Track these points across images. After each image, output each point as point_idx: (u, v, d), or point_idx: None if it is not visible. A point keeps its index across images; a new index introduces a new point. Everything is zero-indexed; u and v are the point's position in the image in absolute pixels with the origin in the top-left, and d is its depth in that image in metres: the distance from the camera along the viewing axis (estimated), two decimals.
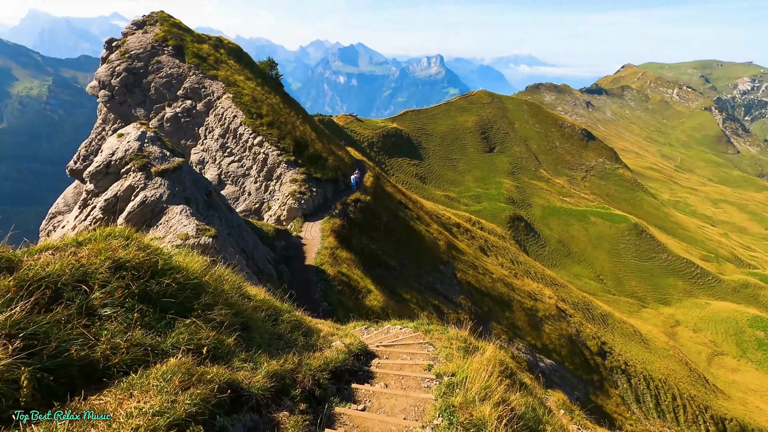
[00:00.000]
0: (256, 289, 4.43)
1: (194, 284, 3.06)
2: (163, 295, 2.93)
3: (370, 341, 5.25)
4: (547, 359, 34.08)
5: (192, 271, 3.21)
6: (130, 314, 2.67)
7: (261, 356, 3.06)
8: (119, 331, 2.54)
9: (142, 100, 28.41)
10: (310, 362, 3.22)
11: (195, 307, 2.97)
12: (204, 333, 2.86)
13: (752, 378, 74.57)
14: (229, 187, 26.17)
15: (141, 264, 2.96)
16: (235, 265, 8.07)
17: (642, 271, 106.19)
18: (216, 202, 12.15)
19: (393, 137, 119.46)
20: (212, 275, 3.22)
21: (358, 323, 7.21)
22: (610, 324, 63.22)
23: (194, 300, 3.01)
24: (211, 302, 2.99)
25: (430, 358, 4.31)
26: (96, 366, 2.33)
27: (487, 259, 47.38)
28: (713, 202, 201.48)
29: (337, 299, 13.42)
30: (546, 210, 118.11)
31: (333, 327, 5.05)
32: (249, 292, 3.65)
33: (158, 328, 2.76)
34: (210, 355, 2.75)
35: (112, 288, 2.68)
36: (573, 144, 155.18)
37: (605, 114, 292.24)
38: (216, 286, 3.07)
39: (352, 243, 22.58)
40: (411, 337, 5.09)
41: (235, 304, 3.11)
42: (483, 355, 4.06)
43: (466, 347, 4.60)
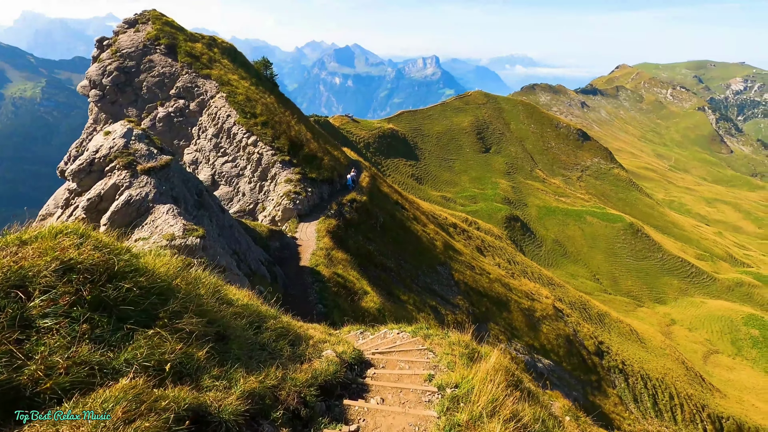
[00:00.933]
0: (239, 292, 4.07)
1: (161, 288, 2.67)
2: (121, 302, 2.54)
3: (366, 347, 4.92)
4: (544, 360, 33.87)
5: (160, 273, 2.81)
6: (76, 325, 2.29)
7: (238, 372, 2.66)
8: (60, 346, 2.17)
9: (134, 99, 27.95)
10: (295, 376, 2.84)
11: (161, 315, 2.59)
12: (169, 346, 2.49)
13: (747, 376, 74.88)
14: (223, 188, 25.77)
15: (96, 266, 2.56)
16: (223, 267, 7.75)
17: (638, 270, 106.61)
18: (207, 202, 11.76)
19: (389, 138, 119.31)
20: (185, 278, 2.86)
21: (353, 327, 6.90)
22: (606, 323, 63.21)
23: (160, 307, 2.62)
24: (181, 309, 2.60)
25: (431, 366, 3.98)
26: (21, 392, 2.00)
27: (484, 259, 47.18)
28: (708, 201, 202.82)
29: (333, 301, 13.06)
30: (542, 210, 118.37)
31: (325, 332, 4.71)
32: (229, 296, 3.28)
33: (112, 341, 2.39)
34: (174, 373, 2.38)
35: (57, 294, 2.30)
36: (568, 144, 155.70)
37: (600, 114, 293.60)
38: (188, 291, 2.69)
39: (348, 244, 22.25)
40: (409, 343, 4.76)
41: (211, 310, 2.74)
42: (487, 362, 3.75)
43: (469, 354, 4.28)
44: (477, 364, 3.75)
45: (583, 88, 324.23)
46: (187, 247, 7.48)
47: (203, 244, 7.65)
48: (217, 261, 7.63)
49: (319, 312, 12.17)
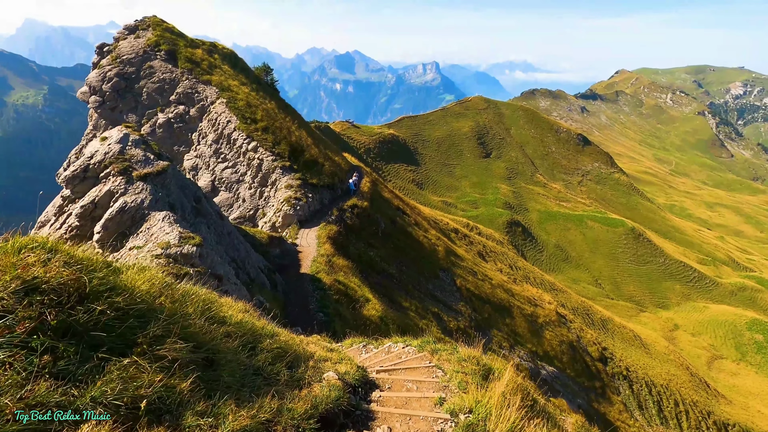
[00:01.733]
0: (233, 306, 3.80)
1: (141, 310, 2.36)
2: (93, 327, 2.22)
3: (370, 363, 4.64)
4: (548, 366, 33.45)
5: (141, 291, 2.49)
6: (34, 357, 1.99)
7: (227, 405, 2.35)
8: (12, 385, 1.87)
9: (134, 105, 27.85)
10: (293, 407, 2.49)
11: (140, 340, 2.29)
12: (147, 378, 2.17)
13: (752, 382, 74.19)
14: (223, 194, 25.57)
15: (64, 285, 2.24)
16: (220, 276, 7.51)
17: (640, 275, 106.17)
18: (205, 208, 11.50)
19: (389, 143, 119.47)
20: (171, 295, 2.58)
21: (355, 339, 6.62)
22: (610, 329, 62.69)
23: (140, 331, 2.33)
24: (164, 333, 2.30)
25: (440, 387, 3.71)
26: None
27: (485, 264, 46.85)
28: (709, 205, 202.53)
29: (334, 309, 12.76)
30: (543, 215, 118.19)
31: (326, 348, 4.43)
32: (222, 313, 2.99)
33: (79, 374, 2.08)
34: (152, 410, 2.09)
35: (14, 320, 1.98)
36: (569, 149, 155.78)
37: (600, 119, 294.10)
38: (174, 310, 2.41)
39: (349, 250, 22.00)
40: (416, 359, 4.47)
41: (199, 332, 2.46)
42: (501, 381, 3.48)
43: (482, 372, 4.00)
44: (491, 384, 3.47)
45: (582, 93, 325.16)
46: (183, 256, 7.22)
47: (200, 252, 7.39)
48: (215, 270, 7.39)
49: (320, 321, 11.87)
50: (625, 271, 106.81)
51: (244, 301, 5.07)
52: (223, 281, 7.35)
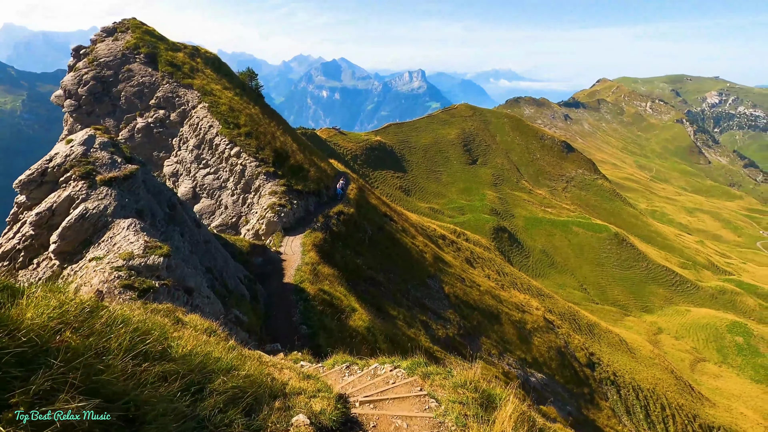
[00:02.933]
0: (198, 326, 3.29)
1: (26, 354, 1.78)
2: None
3: (353, 390, 4.12)
4: (538, 374, 33.17)
5: (32, 326, 1.86)
6: None
7: None
8: None
9: (112, 110, 26.90)
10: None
11: (14, 401, 1.73)
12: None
13: (734, 384, 75.31)
14: (205, 201, 24.75)
15: None
16: (190, 288, 6.91)
17: (624, 279, 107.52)
18: (180, 216, 10.78)
19: (376, 150, 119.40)
20: (85, 329, 1.99)
21: (338, 358, 6.09)
22: (596, 334, 62.99)
23: (18, 385, 1.76)
24: (55, 386, 1.75)
25: (435, 424, 3.18)
26: None
27: (473, 271, 46.61)
28: (688, 210, 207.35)
29: (318, 321, 12.10)
30: (529, 221, 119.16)
31: (302, 375, 3.85)
32: (162, 345, 2.40)
33: None
34: None
35: None
36: (553, 155, 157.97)
37: (583, 126, 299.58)
38: (81, 350, 1.86)
39: (335, 258, 21.40)
40: (405, 384, 3.95)
41: (116, 379, 1.94)
42: (504, 409, 3.01)
43: (481, 400, 3.49)
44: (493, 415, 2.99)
45: (566, 101, 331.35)
46: (147, 268, 6.59)
47: (168, 263, 6.76)
48: (185, 282, 6.77)
49: (303, 334, 11.22)
50: (610, 276, 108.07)
51: (212, 320, 4.52)
52: (193, 295, 6.73)
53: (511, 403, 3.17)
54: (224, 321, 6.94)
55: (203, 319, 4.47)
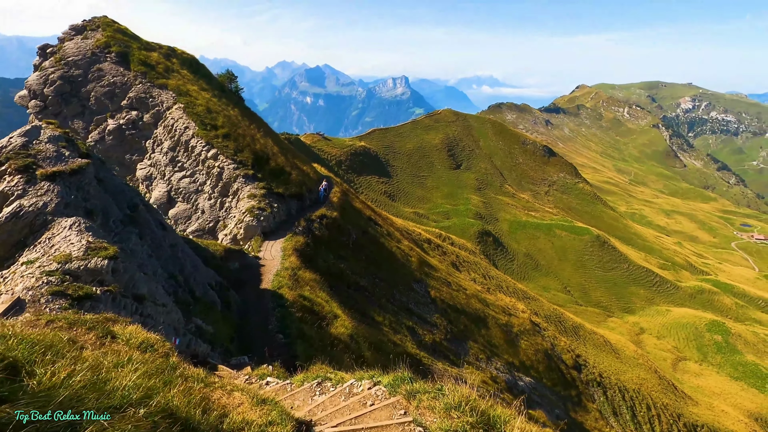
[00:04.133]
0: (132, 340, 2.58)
1: None
2: None
3: (322, 414, 3.37)
4: (525, 377, 32.78)
5: None
6: None
7: None
8: None
9: (80, 111, 25.66)
10: None
11: None
12: None
13: (714, 382, 76.67)
14: (181, 205, 23.68)
15: None
16: (142, 296, 6.12)
17: (606, 281, 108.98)
18: (143, 218, 9.88)
19: (361, 155, 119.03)
20: None
21: (309, 375, 5.34)
22: (581, 335, 63.26)
23: None
24: None
25: None
26: None
27: (459, 274, 46.22)
28: (666, 213, 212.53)
29: (296, 329, 11.26)
30: (513, 224, 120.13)
31: (256, 399, 3.12)
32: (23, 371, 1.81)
33: None
34: None
35: None
36: (535, 160, 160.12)
37: (563, 131, 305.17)
38: None
39: (317, 262, 20.62)
40: (386, 407, 3.20)
41: None
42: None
43: (481, 425, 2.79)
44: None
45: (546, 107, 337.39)
46: (88, 271, 5.73)
47: (114, 267, 5.91)
48: (136, 288, 5.95)
49: (280, 343, 10.38)
50: (593, 278, 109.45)
51: (162, 332, 3.82)
52: (145, 303, 5.92)
53: (517, 429, 2.54)
54: (183, 332, 6.18)
55: (144, 332, 3.78)
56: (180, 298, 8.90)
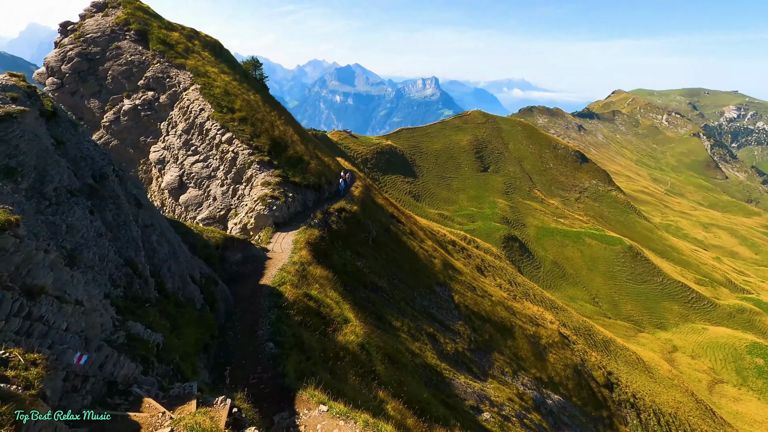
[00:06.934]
0: None
1: None
2: None
3: None
4: (554, 395, 30.10)
5: None
6: None
7: None
8: None
9: (97, 90, 24.77)
10: None
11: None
12: None
13: (755, 408, 71.43)
14: (192, 191, 22.37)
15: None
16: (36, 288, 4.33)
17: (638, 294, 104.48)
18: (111, 191, 8.15)
19: (387, 154, 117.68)
20: None
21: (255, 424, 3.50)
22: (612, 351, 59.47)
23: None
24: None
25: None
26: None
27: (484, 279, 43.68)
28: (704, 226, 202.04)
29: (293, 336, 9.18)
30: (540, 231, 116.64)
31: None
32: None
33: None
34: None
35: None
36: (566, 165, 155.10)
37: (597, 138, 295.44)
38: None
39: (332, 258, 18.82)
40: None
41: None
42: None
43: None
44: None
45: (579, 112, 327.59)
46: None
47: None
48: (32, 275, 4.16)
49: (269, 354, 8.41)
50: (623, 290, 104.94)
51: (46, 353, 2.82)
52: (39, 299, 4.13)
53: None
54: (99, 344, 4.42)
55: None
56: (133, 292, 7.14)
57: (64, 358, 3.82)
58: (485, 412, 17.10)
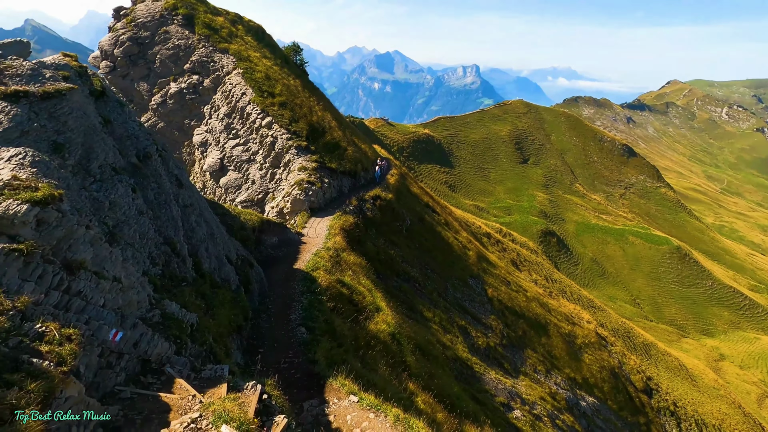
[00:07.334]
0: None
1: None
2: None
3: None
4: (588, 397, 29.08)
5: None
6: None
7: None
8: None
9: (147, 73, 25.70)
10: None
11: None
12: None
13: None
14: (232, 174, 22.90)
15: None
16: (75, 263, 4.35)
17: (683, 297, 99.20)
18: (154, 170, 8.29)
19: (424, 143, 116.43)
20: None
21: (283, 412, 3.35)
22: (653, 355, 56.82)
23: None
24: None
25: None
26: None
27: (519, 274, 42.58)
28: (763, 228, 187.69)
29: (324, 322, 9.21)
30: (580, 226, 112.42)
31: None
32: None
33: None
34: None
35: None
36: (612, 159, 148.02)
37: (647, 131, 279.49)
38: None
39: (366, 246, 18.76)
40: None
41: None
42: None
43: None
44: None
45: (629, 103, 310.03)
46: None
47: (40, 217, 4.23)
48: (72, 250, 4.18)
49: (300, 339, 8.47)
50: (668, 293, 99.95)
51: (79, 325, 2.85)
52: (78, 274, 4.17)
53: None
54: (135, 322, 4.45)
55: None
56: (170, 271, 7.26)
57: (100, 334, 3.88)
58: (516, 409, 16.68)
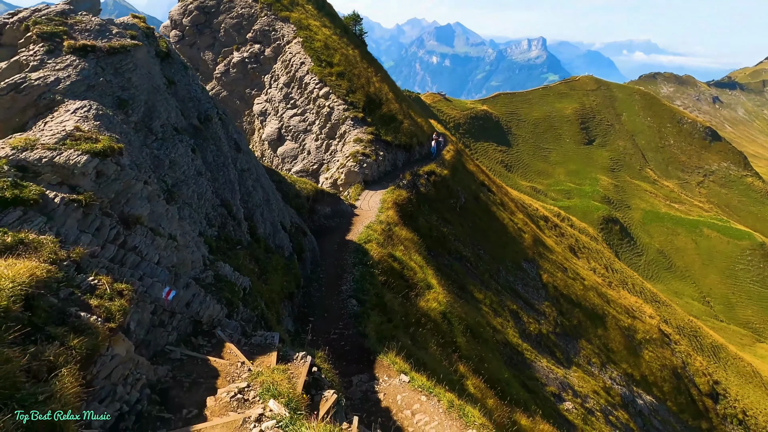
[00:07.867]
0: None
1: None
2: None
3: None
4: (646, 395, 27.39)
5: None
6: None
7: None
8: None
9: (212, 42, 26.36)
10: None
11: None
12: None
13: None
14: (289, 144, 23.20)
15: None
16: (136, 217, 4.26)
17: (762, 298, 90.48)
18: (214, 133, 8.32)
19: (481, 120, 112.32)
20: None
21: (334, 391, 3.04)
22: (722, 359, 52.42)
23: None
24: None
25: None
26: None
27: (577, 261, 40.41)
28: None
29: (375, 296, 9.04)
30: (648, 215, 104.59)
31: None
32: None
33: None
34: None
35: None
36: (692, 143, 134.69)
37: (736, 112, 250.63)
38: None
39: (418, 221, 18.37)
40: None
41: None
42: None
43: None
44: None
45: (717, 81, 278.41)
46: (54, 168, 3.88)
47: (99, 169, 4.18)
48: (130, 204, 4.13)
49: (351, 311, 8.37)
50: (745, 292, 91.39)
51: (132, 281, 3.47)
52: (134, 228, 4.14)
53: None
54: (187, 282, 4.41)
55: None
56: (226, 233, 7.28)
57: (153, 292, 3.88)
58: (567, 401, 15.93)
